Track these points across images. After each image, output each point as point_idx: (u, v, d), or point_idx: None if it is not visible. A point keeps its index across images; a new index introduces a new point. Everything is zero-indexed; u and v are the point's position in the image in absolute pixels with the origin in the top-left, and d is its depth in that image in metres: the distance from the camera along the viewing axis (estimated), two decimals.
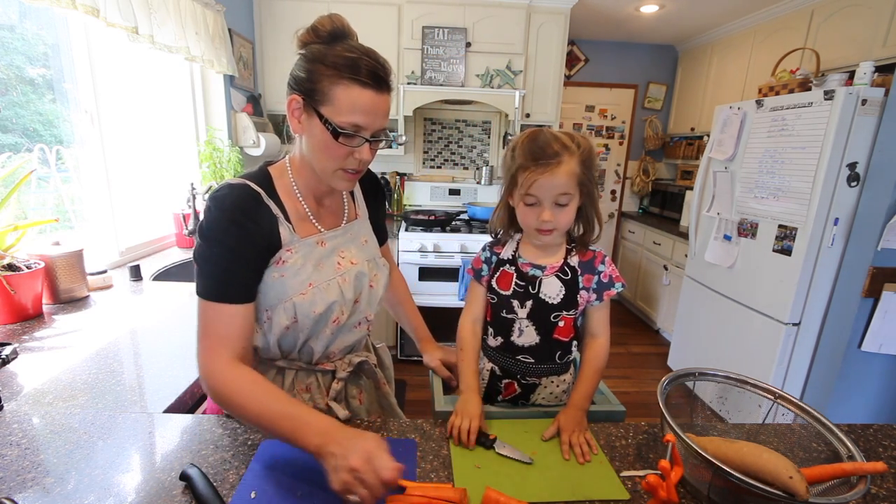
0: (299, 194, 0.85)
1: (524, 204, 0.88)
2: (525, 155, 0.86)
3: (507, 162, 0.90)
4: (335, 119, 0.74)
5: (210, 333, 0.74)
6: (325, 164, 0.79)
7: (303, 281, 0.81)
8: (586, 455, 0.79)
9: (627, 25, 3.50)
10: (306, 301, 0.80)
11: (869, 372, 2.03)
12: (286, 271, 0.80)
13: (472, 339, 1.00)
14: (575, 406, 0.89)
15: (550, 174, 0.83)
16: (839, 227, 2.01)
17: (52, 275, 1.39)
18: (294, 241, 0.81)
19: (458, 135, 3.48)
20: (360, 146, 0.78)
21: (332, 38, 0.76)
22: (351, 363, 0.91)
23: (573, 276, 0.93)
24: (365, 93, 0.74)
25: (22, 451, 0.73)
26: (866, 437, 0.88)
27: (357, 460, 0.61)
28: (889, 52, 2.18)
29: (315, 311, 0.81)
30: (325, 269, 0.84)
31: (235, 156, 2.48)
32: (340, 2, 2.82)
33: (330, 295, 0.82)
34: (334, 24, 0.77)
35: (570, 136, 0.86)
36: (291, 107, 0.78)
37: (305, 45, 0.78)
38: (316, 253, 0.84)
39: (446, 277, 2.79)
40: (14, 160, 1.47)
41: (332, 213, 0.91)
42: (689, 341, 2.86)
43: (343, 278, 0.86)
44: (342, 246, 0.89)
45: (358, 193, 0.99)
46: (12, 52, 1.51)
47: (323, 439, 0.65)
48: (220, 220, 0.74)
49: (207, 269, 0.75)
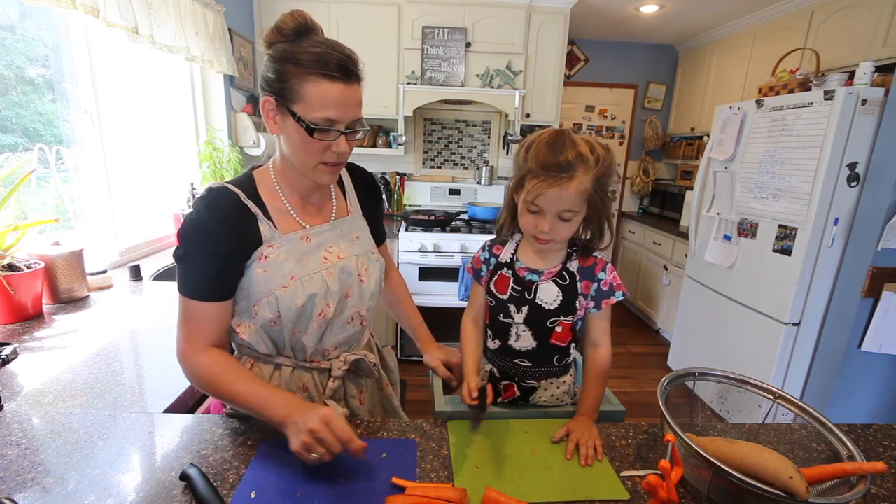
0: (281, 193, 0.87)
1: (526, 209, 0.86)
2: (537, 161, 0.81)
3: (519, 161, 0.86)
4: (308, 116, 0.75)
5: (187, 324, 0.81)
6: (304, 161, 0.81)
7: (285, 274, 0.82)
8: (590, 459, 0.79)
9: (627, 25, 3.50)
10: (288, 294, 0.81)
11: (869, 372, 2.03)
12: (269, 266, 0.81)
13: (472, 331, 1.01)
14: (583, 414, 0.89)
15: (559, 189, 0.79)
16: (839, 227, 2.01)
17: (52, 275, 1.39)
18: (275, 237, 0.83)
19: (458, 135, 3.48)
20: (337, 139, 0.79)
21: (297, 35, 0.77)
22: (346, 361, 0.91)
23: (571, 281, 0.92)
24: (334, 86, 0.75)
25: (22, 451, 0.73)
26: (866, 437, 0.88)
27: (315, 423, 0.68)
28: (889, 52, 2.18)
29: (296, 304, 0.82)
30: (309, 263, 0.85)
31: (235, 156, 2.48)
32: (340, 2, 2.82)
33: (311, 287, 0.83)
34: (297, 20, 0.76)
35: (590, 147, 0.81)
36: (265, 108, 0.79)
37: (271, 44, 0.78)
38: (300, 248, 0.85)
39: (446, 277, 2.79)
40: (14, 160, 1.47)
41: (319, 209, 0.92)
42: (689, 341, 2.86)
43: (328, 272, 0.86)
44: (330, 241, 0.90)
45: (350, 191, 0.99)
46: (13, 53, 1.51)
47: (287, 411, 0.72)
48: (194, 223, 0.78)
49: (182, 268, 0.79)
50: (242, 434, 0.81)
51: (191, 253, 0.78)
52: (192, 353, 0.80)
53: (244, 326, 0.85)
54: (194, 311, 0.79)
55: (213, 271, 0.79)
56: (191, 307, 0.79)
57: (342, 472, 0.72)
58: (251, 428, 0.82)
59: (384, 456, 0.76)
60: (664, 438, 0.66)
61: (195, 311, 0.79)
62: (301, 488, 0.68)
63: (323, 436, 0.67)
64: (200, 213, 0.78)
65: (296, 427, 0.69)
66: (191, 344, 0.80)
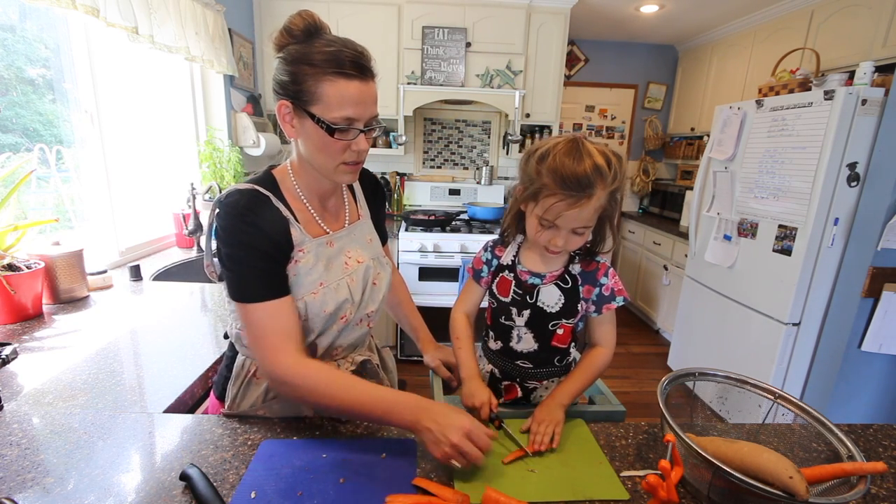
0: (303, 197, 0.85)
1: (539, 223, 0.84)
2: (554, 177, 0.77)
3: (530, 172, 0.82)
4: (327, 116, 0.74)
5: (267, 334, 0.75)
6: (325, 162, 0.80)
7: (314, 280, 0.82)
8: (542, 446, 0.78)
9: (627, 25, 3.50)
10: (317, 300, 0.81)
11: (869, 372, 2.03)
12: (299, 271, 0.81)
13: (466, 327, 1.00)
14: (553, 398, 0.87)
15: (578, 209, 0.77)
16: (839, 227, 2.01)
17: (52, 275, 1.39)
18: (306, 241, 0.82)
19: (458, 135, 3.48)
20: (356, 138, 0.78)
21: (308, 36, 0.76)
22: (354, 362, 0.91)
23: (573, 284, 0.92)
24: (351, 84, 0.74)
25: (22, 451, 0.73)
26: (866, 437, 0.88)
27: (457, 436, 0.68)
28: (889, 52, 2.18)
29: (326, 311, 0.82)
30: (334, 268, 0.85)
31: (235, 156, 2.48)
32: (340, 2, 2.82)
33: (341, 294, 0.84)
34: (306, 21, 0.75)
35: (606, 160, 0.78)
36: (281, 112, 0.78)
37: (282, 47, 0.77)
38: (326, 253, 0.85)
39: (446, 277, 2.79)
40: (14, 160, 1.47)
41: (335, 214, 0.92)
42: (689, 341, 2.86)
43: (351, 278, 0.87)
44: (348, 246, 0.90)
45: (360, 194, 1.00)
46: (13, 53, 1.51)
47: (416, 416, 0.72)
48: (237, 223, 0.75)
49: (238, 272, 0.75)
50: (242, 434, 0.81)
51: (241, 253, 0.74)
52: (293, 364, 0.74)
53: None
54: (268, 314, 0.75)
55: (269, 265, 0.76)
56: (263, 313, 0.74)
57: (342, 472, 0.72)
58: (251, 428, 0.82)
59: (384, 456, 0.76)
60: (664, 438, 0.66)
61: (269, 315, 0.75)
62: (301, 488, 0.68)
63: (465, 449, 0.68)
64: (238, 212, 0.75)
65: (432, 436, 0.69)
66: (284, 352, 0.75)
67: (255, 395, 0.88)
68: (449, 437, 0.68)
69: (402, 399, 0.74)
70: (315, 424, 0.85)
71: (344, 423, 0.86)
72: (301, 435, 0.81)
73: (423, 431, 0.71)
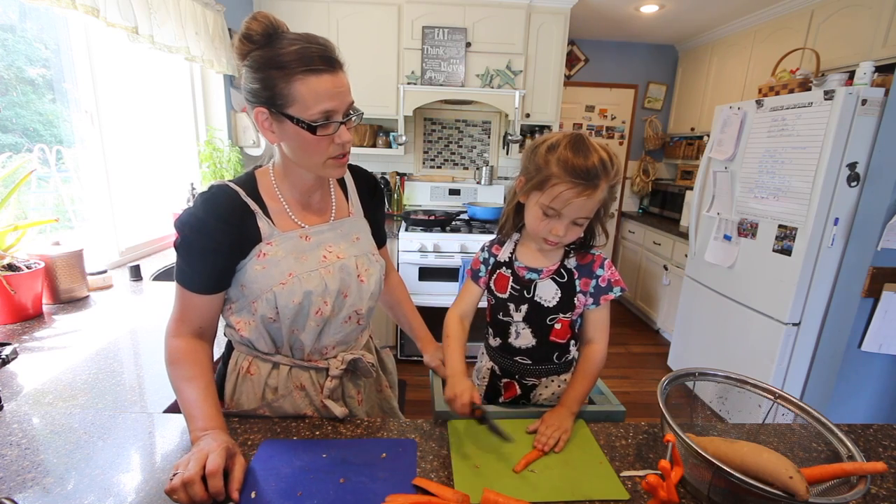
0: (280, 194, 0.87)
1: (541, 212, 0.85)
2: (566, 168, 0.80)
3: (538, 161, 0.84)
4: (305, 115, 0.75)
5: (177, 310, 0.83)
6: (312, 161, 0.81)
7: (283, 271, 0.83)
8: (546, 447, 0.79)
9: (627, 25, 3.50)
10: (285, 291, 0.82)
11: (869, 372, 2.03)
12: (267, 263, 0.82)
13: (458, 328, 1.00)
14: (563, 405, 0.88)
15: (587, 198, 0.80)
16: (839, 227, 2.01)
17: (52, 275, 1.39)
18: (274, 235, 0.84)
19: (458, 135, 3.48)
20: (338, 130, 0.78)
21: (268, 39, 0.75)
22: (344, 360, 0.91)
23: (569, 278, 0.92)
24: (322, 79, 0.74)
25: (22, 451, 0.73)
26: (866, 437, 0.88)
27: (190, 471, 0.63)
28: (889, 52, 2.18)
29: (294, 301, 0.82)
30: (308, 261, 0.86)
31: (235, 156, 2.48)
32: (340, 2, 2.81)
33: (308, 284, 0.83)
34: (264, 24, 0.75)
35: (608, 156, 0.82)
36: (260, 120, 0.78)
37: (245, 55, 0.77)
38: (299, 246, 0.86)
39: (446, 278, 2.79)
40: (14, 160, 1.47)
41: (320, 210, 0.92)
42: (689, 341, 2.86)
43: (327, 270, 0.87)
44: (330, 241, 0.90)
45: (352, 192, 0.99)
46: (13, 53, 1.51)
47: (194, 436, 0.72)
48: (191, 219, 0.79)
49: (178, 259, 0.82)
50: (242, 434, 0.81)
51: (186, 247, 0.80)
52: (172, 336, 0.83)
53: (244, 323, 0.85)
54: (184, 299, 0.82)
55: (207, 267, 0.80)
56: (182, 295, 0.82)
57: (342, 472, 0.72)
58: (251, 428, 0.82)
59: (384, 456, 0.76)
60: (664, 438, 0.66)
61: (185, 300, 0.82)
62: (301, 488, 0.68)
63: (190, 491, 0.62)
64: (198, 210, 0.79)
65: (184, 459, 0.65)
66: (175, 327, 0.83)
67: (250, 389, 0.89)
68: (188, 467, 0.63)
69: (199, 415, 0.74)
70: (315, 424, 0.85)
71: (344, 423, 0.86)
72: (301, 435, 0.81)
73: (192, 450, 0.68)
